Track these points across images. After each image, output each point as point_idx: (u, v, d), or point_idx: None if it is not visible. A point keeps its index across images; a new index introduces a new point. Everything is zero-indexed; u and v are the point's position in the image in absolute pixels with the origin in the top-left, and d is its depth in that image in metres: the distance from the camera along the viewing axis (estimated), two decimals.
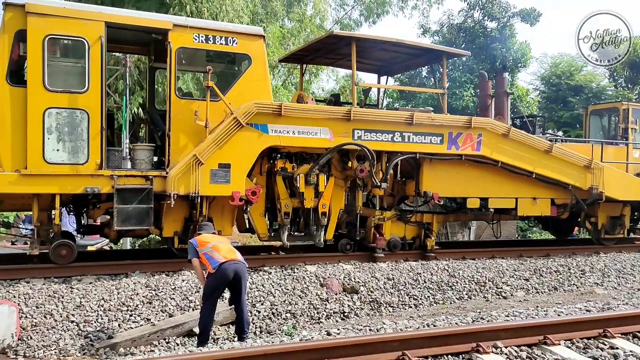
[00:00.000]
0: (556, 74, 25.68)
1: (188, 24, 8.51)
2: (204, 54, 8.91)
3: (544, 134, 12.57)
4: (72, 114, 7.82)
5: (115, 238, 9.22)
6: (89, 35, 7.86)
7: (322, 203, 9.32)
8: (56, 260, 8.15)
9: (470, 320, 6.48)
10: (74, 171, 7.84)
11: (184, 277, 8.24)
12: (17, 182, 7.57)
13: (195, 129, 8.42)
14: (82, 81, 7.88)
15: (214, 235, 6.92)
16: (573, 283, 10.17)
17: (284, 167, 9.18)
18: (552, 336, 5.56)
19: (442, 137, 9.88)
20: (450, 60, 14.51)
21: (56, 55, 7.92)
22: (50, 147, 7.71)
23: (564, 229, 14.10)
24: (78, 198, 8.51)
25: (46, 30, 7.66)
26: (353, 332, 6.05)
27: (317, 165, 9.11)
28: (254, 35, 8.89)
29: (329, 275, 8.76)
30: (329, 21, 22.45)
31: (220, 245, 6.52)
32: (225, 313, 7.24)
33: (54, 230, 8.32)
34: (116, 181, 7.97)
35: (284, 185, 9.20)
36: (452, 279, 9.45)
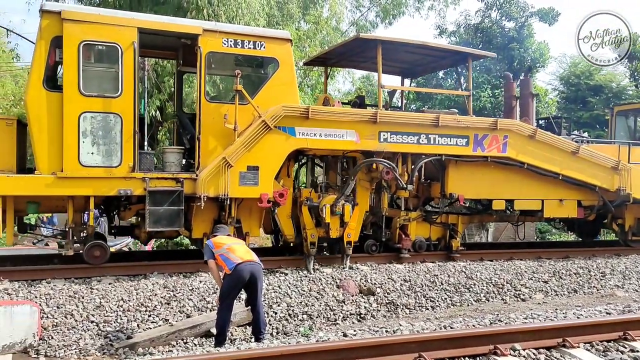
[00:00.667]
0: (575, 74, 25.43)
1: (218, 29, 8.67)
2: (233, 58, 9.06)
3: (569, 135, 12.50)
4: (106, 117, 8.03)
5: (145, 239, 9.40)
6: (122, 40, 8.07)
7: (348, 232, 9.36)
8: (90, 260, 8.36)
9: (488, 322, 6.50)
10: (108, 174, 8.05)
11: (202, 278, 8.36)
12: (54, 185, 7.80)
13: (224, 132, 8.58)
14: (115, 86, 8.09)
15: (229, 237, 7.05)
16: (593, 285, 10.10)
17: (310, 197, 9.31)
18: (571, 339, 5.54)
19: (467, 139, 9.91)
20: (475, 62, 14.49)
21: (91, 60, 8.13)
22: (85, 150, 7.93)
23: (589, 230, 13.98)
24: (109, 200, 8.71)
25: (81, 36, 7.87)
26: (369, 333, 6.08)
27: (343, 195, 9.19)
28: (282, 39, 9.03)
29: (345, 277, 8.81)
30: (344, 23, 22.53)
31: (236, 247, 6.60)
32: (242, 314, 7.33)
33: (87, 231, 8.54)
34: (148, 183, 8.15)
35: (309, 215, 9.29)
36: (469, 280, 9.43)
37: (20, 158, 8.45)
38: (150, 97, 14.90)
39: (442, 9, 23.47)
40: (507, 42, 24.19)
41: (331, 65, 12.12)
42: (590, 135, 19.28)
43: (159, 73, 14.18)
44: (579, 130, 16.63)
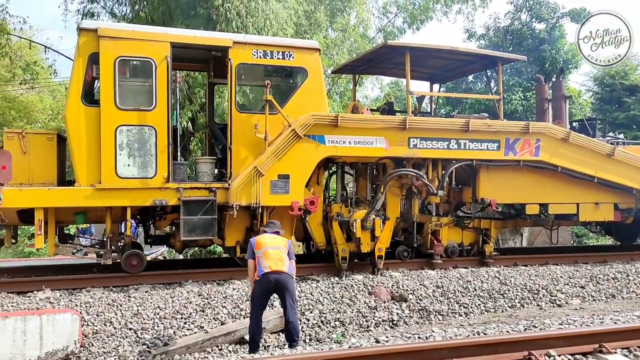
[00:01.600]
0: (610, 74, 24.83)
1: (247, 41, 8.87)
2: (263, 68, 9.26)
3: (604, 136, 12.26)
4: (141, 130, 8.29)
5: (180, 248, 9.61)
6: (155, 55, 8.32)
7: (379, 247, 9.37)
8: (128, 269, 8.61)
9: (522, 328, 6.46)
10: (144, 185, 8.29)
11: (235, 285, 8.51)
12: (92, 196, 8.08)
13: (254, 142, 8.74)
14: (149, 99, 8.34)
15: (272, 237, 6.85)
16: (632, 290, 9.89)
17: (340, 212, 9.37)
18: (608, 344, 5.48)
19: (498, 143, 9.84)
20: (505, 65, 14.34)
21: (126, 75, 8.40)
22: (121, 162, 8.19)
23: (628, 234, 13.63)
24: (145, 210, 8.95)
25: (117, 52, 8.16)
26: (402, 339, 6.08)
27: (373, 210, 9.22)
28: (310, 48, 9.16)
29: (377, 284, 8.81)
30: (372, 29, 22.54)
31: (271, 252, 6.54)
32: (275, 321, 7.42)
33: (124, 241, 8.80)
34: (182, 193, 8.36)
35: (340, 230, 9.34)
36: (503, 286, 9.33)
37: (60, 171, 8.77)
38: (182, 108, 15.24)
39: (470, 12, 23.29)
40: (538, 44, 23.88)
41: (359, 73, 12.20)
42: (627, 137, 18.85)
43: (190, 85, 14.50)
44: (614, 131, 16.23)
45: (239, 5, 13.50)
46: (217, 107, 11.75)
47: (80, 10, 16.04)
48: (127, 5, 16.31)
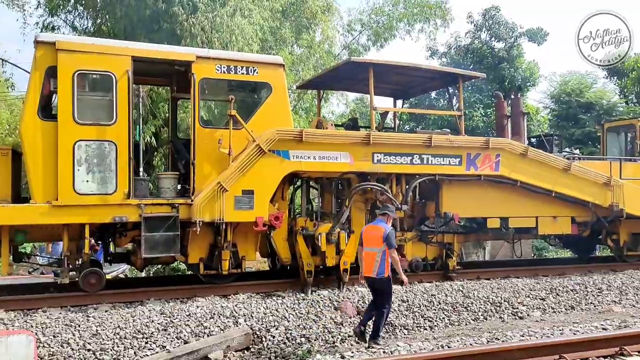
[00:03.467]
0: (566, 91, 25.78)
1: (210, 56, 8.80)
2: (226, 83, 9.16)
3: (561, 152, 12.62)
4: (100, 145, 8.08)
5: (142, 266, 9.37)
6: (116, 69, 8.16)
7: (344, 260, 9.35)
8: (86, 288, 8.32)
9: (485, 340, 6.54)
10: (103, 201, 8.06)
11: (198, 303, 8.30)
12: (49, 213, 7.80)
13: (218, 157, 8.63)
14: (110, 114, 8.16)
15: (372, 235, 7.47)
16: (590, 302, 10.07)
17: (305, 226, 9.33)
18: (568, 355, 5.59)
19: (460, 159, 10.00)
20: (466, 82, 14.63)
21: (85, 89, 8.21)
22: (80, 178, 7.95)
23: (585, 247, 14.02)
24: (105, 227, 8.70)
25: (76, 65, 7.97)
26: (367, 354, 6.09)
27: (338, 223, 9.21)
28: (274, 64, 9.15)
29: (342, 299, 8.76)
30: (337, 46, 22.84)
31: (365, 255, 7.48)
32: (240, 339, 7.29)
33: (82, 259, 8.52)
34: (143, 210, 8.17)
35: (305, 244, 9.30)
36: (466, 299, 9.40)
37: (15, 187, 8.46)
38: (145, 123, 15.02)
39: (432, 31, 23.90)
40: (497, 62, 24.60)
41: (324, 89, 12.27)
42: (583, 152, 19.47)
43: (153, 99, 14.30)
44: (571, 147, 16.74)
45: (204, 20, 13.45)
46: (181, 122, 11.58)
47: (39, 24, 15.69)
48: (89, 19, 16.03)
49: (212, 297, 8.65)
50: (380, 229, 7.46)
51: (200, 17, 13.33)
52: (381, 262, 7.32)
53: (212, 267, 8.97)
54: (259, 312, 8.02)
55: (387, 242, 7.31)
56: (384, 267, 7.34)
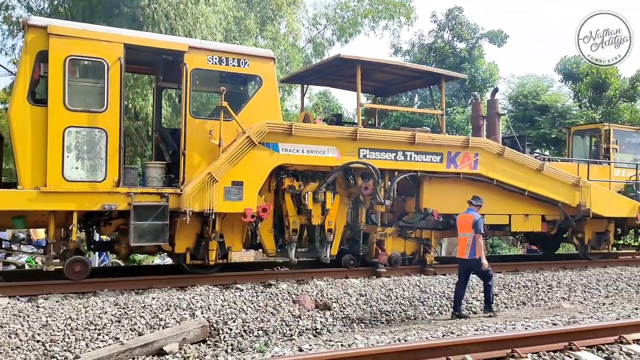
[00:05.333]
0: (523, 94, 26.46)
1: (203, 46, 8.85)
2: (218, 75, 9.23)
3: (532, 153, 13.17)
4: (91, 132, 8.05)
5: (126, 254, 9.35)
6: (108, 56, 8.13)
7: (329, 220, 9.65)
8: (71, 276, 8.28)
9: (441, 334, 6.65)
10: (92, 188, 8.03)
11: (154, 294, 8.14)
12: (37, 199, 7.72)
13: (208, 148, 8.71)
14: (101, 101, 8.12)
15: (464, 223, 8.92)
16: (541, 298, 10.37)
17: (292, 185, 9.50)
18: (520, 350, 5.71)
19: (441, 156, 10.36)
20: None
21: (76, 75, 8.13)
22: (69, 165, 7.90)
23: (551, 244, 14.67)
24: (89, 215, 8.66)
25: (67, 51, 7.90)
26: (325, 347, 6.10)
27: (325, 183, 9.46)
28: (265, 57, 9.28)
29: (301, 292, 8.80)
30: (302, 40, 22.96)
31: (459, 240, 8.98)
32: (196, 331, 7.20)
33: (68, 247, 8.47)
34: (133, 198, 8.17)
35: (292, 202, 9.51)
36: (423, 294, 9.59)
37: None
38: None
39: (396, 29, 24.36)
40: (459, 62, 25.27)
41: (308, 83, 12.42)
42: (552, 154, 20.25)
43: None
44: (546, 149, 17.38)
45: (167, 7, 13.23)
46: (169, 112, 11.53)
47: None
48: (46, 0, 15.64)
49: (168, 289, 8.53)
50: (470, 217, 8.91)
51: (163, 3, 13.11)
52: (472, 246, 8.76)
53: (198, 257, 9.06)
54: (216, 304, 7.95)
55: (475, 228, 8.74)
56: (475, 250, 8.72)
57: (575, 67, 28.14)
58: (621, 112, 26.19)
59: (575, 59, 28.60)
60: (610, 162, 13.66)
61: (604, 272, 12.09)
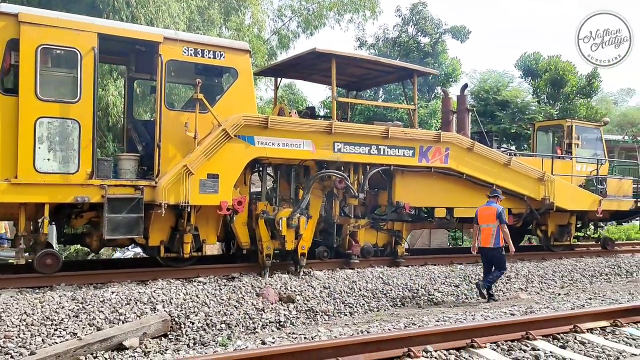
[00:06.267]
0: (484, 89, 26.99)
1: (178, 37, 8.77)
2: (193, 66, 9.15)
3: (499, 148, 13.54)
4: (63, 123, 7.89)
5: (97, 247, 9.23)
6: (81, 45, 7.97)
7: (302, 245, 9.61)
8: (41, 269, 8.12)
9: (403, 326, 6.77)
10: (65, 180, 7.89)
11: (114, 288, 8.02)
12: (7, 191, 7.54)
13: (183, 140, 8.65)
14: (74, 91, 7.96)
15: (486, 214, 9.71)
16: (499, 289, 10.60)
17: (266, 210, 9.51)
18: (479, 339, 5.87)
19: (414, 150, 10.55)
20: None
21: (48, 65, 7.94)
22: (41, 156, 7.73)
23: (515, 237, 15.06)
24: (60, 207, 8.50)
25: (39, 40, 7.71)
26: (288, 340, 6.14)
27: (299, 208, 9.43)
28: (241, 50, 9.25)
29: (265, 285, 8.83)
30: (267, 31, 22.86)
31: (482, 230, 9.70)
32: (157, 325, 7.14)
33: (38, 240, 8.30)
34: (107, 190, 8.07)
35: (265, 228, 9.47)
36: (386, 286, 9.72)
37: None
38: None
39: (361, 22, 24.53)
40: (422, 57, 25.67)
41: (282, 76, 12.42)
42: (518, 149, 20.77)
43: None
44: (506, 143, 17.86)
45: None
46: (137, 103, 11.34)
47: None
48: None
49: (128, 282, 8.45)
50: (493, 209, 9.72)
51: None
52: (496, 235, 9.58)
53: (172, 250, 9.01)
54: (178, 298, 7.89)
55: (500, 218, 9.58)
56: (499, 239, 9.55)
57: (534, 64, 28.94)
58: (578, 108, 27.08)
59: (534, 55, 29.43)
60: (573, 157, 14.16)
61: (559, 264, 12.55)
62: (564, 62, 27.84)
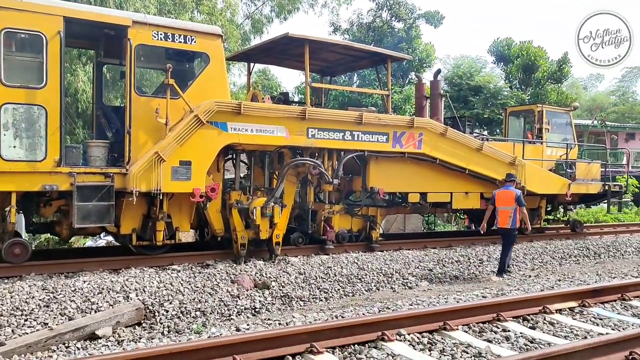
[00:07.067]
0: (458, 74, 27.15)
1: (148, 21, 8.59)
2: (163, 51, 9.00)
3: (472, 133, 13.67)
4: (29, 109, 7.69)
5: (67, 236, 9.08)
6: (47, 29, 7.75)
7: (277, 233, 9.58)
8: (10, 259, 7.96)
9: (377, 310, 6.84)
10: (32, 168, 7.72)
11: (86, 277, 7.90)
12: None
13: (154, 126, 8.53)
14: (39, 76, 7.76)
15: (504, 197, 10.40)
16: (472, 272, 10.80)
17: (240, 199, 9.43)
18: (451, 322, 5.93)
19: (387, 136, 10.59)
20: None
21: (13, 49, 7.72)
22: (6, 143, 7.54)
23: None
24: (29, 196, 8.32)
25: (3, 23, 7.48)
26: (263, 326, 6.16)
27: (273, 197, 9.39)
28: (213, 34, 9.11)
29: (239, 272, 8.79)
30: (239, 15, 22.55)
31: (500, 212, 10.42)
32: (130, 314, 7.10)
33: (6, 229, 8.11)
34: (76, 178, 7.92)
35: (239, 217, 9.39)
36: (361, 271, 9.78)
37: None
38: None
39: (335, 7, 24.39)
40: (397, 42, 25.68)
41: (255, 61, 12.30)
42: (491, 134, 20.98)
43: None
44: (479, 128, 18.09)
45: None
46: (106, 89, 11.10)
47: None
48: None
49: (101, 271, 8.33)
50: (511, 192, 10.39)
51: None
52: (513, 217, 10.33)
53: (145, 238, 8.92)
54: (152, 286, 7.81)
55: (519, 201, 10.26)
56: (516, 221, 10.33)
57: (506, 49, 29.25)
58: (549, 94, 27.51)
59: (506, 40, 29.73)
60: (543, 141, 14.39)
61: (530, 246, 12.79)
62: (535, 48, 28.21)
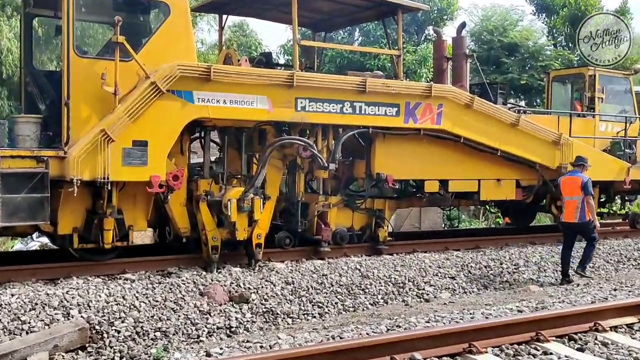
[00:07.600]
0: (487, 29, 26.80)
1: None
2: (110, 1, 8.93)
3: (505, 104, 13.65)
4: None
5: None
6: None
7: (257, 233, 9.59)
8: None
9: (384, 329, 6.88)
10: None
11: (14, 290, 7.84)
12: None
13: (100, 97, 8.44)
14: None
15: (571, 185, 10.70)
16: (505, 279, 10.94)
17: (210, 190, 9.42)
18: (478, 343, 5.94)
19: (398, 108, 10.56)
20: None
21: None
22: None
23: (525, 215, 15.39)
24: None
25: None
26: (240, 350, 6.19)
27: (252, 187, 9.38)
28: None
29: (211, 281, 8.81)
30: None
31: (567, 203, 10.75)
32: (71, 335, 7.05)
33: None
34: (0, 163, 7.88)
35: (209, 213, 9.38)
36: (365, 280, 9.81)
37: None
38: None
39: None
40: None
41: (228, 13, 12.23)
42: None
43: None
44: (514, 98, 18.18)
45: None
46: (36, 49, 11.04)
47: None
48: None
49: (33, 282, 8.31)
50: (578, 179, 10.65)
51: None
52: (581, 209, 10.50)
53: (89, 240, 8.89)
54: (99, 300, 7.80)
55: (585, 190, 10.45)
56: (585, 213, 10.49)
57: None
58: None
59: None
60: (595, 114, 14.38)
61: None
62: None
